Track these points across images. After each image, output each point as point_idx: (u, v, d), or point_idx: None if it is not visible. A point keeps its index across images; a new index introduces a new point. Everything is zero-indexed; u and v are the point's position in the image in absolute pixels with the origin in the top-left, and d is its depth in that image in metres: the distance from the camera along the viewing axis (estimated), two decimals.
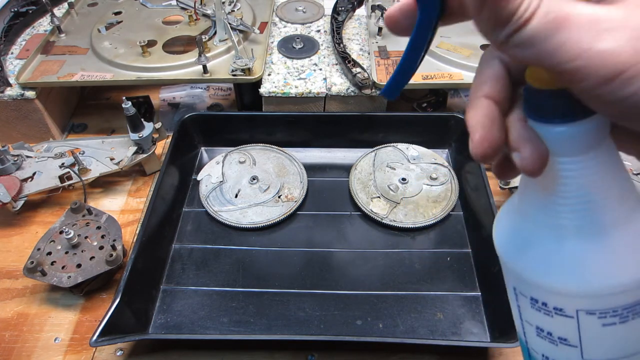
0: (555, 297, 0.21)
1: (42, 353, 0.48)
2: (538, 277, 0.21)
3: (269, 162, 0.66)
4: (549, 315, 0.21)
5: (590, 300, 0.20)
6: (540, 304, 0.22)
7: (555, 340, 0.22)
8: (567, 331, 0.21)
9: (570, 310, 0.20)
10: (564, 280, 0.20)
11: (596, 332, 0.21)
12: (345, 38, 0.76)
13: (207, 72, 0.66)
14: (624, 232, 0.19)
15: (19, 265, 0.54)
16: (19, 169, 0.60)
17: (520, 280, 0.23)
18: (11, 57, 0.72)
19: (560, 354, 0.22)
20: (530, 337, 0.24)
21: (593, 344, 0.21)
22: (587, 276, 0.20)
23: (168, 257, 0.56)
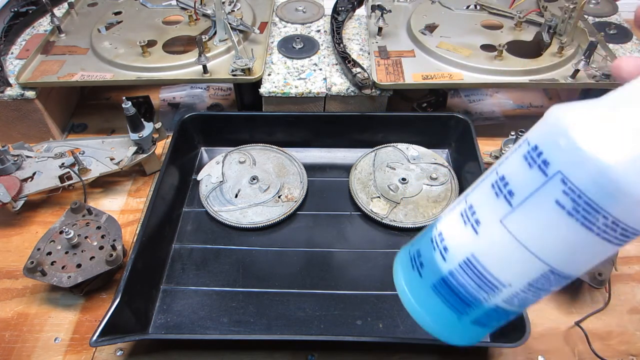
0: (559, 152, 0.21)
1: (42, 353, 0.48)
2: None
3: (269, 162, 0.66)
4: (529, 164, 0.22)
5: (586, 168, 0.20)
6: (535, 151, 0.22)
7: (503, 193, 0.23)
8: (527, 185, 0.22)
9: (553, 169, 0.21)
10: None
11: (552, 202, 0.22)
12: (345, 38, 0.76)
13: (207, 72, 0.66)
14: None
15: (19, 265, 0.54)
16: (19, 169, 0.60)
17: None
18: (11, 57, 0.72)
19: (496, 207, 0.23)
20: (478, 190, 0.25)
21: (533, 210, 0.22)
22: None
23: (168, 257, 0.56)
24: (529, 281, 0.24)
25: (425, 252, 0.28)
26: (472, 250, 0.25)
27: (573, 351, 0.48)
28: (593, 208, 0.21)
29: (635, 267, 0.56)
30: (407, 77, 0.65)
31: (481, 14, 0.76)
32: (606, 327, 0.50)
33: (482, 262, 0.24)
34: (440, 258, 0.26)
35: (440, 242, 0.27)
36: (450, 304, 0.26)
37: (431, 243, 0.27)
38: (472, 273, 0.25)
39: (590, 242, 0.22)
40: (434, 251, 0.27)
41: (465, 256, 0.25)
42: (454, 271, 0.25)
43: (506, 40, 0.69)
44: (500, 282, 0.24)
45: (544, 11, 0.75)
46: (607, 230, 0.21)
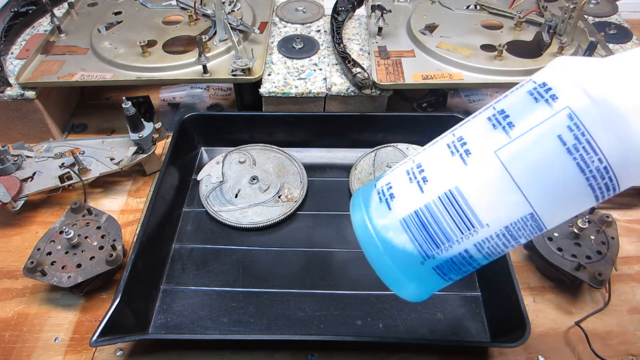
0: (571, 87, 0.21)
1: (42, 353, 0.48)
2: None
3: (269, 162, 0.66)
4: (535, 99, 0.22)
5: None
6: (542, 87, 0.22)
7: (502, 125, 0.22)
8: (531, 117, 0.22)
9: (561, 104, 0.21)
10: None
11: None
12: (345, 38, 0.76)
13: (207, 72, 0.66)
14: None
15: (19, 265, 0.54)
16: (19, 169, 0.60)
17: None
18: (11, 57, 0.72)
19: (491, 137, 0.23)
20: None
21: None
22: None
23: (168, 257, 0.56)
24: (507, 225, 0.23)
25: (398, 183, 0.25)
26: (457, 182, 0.23)
27: (573, 351, 0.48)
28: (592, 148, 0.21)
29: (635, 267, 0.56)
30: (407, 77, 0.65)
31: (481, 14, 0.76)
32: (606, 327, 0.50)
33: (465, 196, 0.23)
34: (416, 189, 0.24)
35: (418, 173, 0.25)
36: (418, 243, 0.24)
37: (407, 174, 0.25)
38: (452, 208, 0.23)
39: (576, 187, 0.22)
40: (410, 182, 0.25)
41: (447, 188, 0.23)
42: (431, 204, 0.24)
43: (506, 40, 0.69)
44: (479, 221, 0.23)
45: (544, 11, 0.75)
46: (597, 176, 0.21)
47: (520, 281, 0.50)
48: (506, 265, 0.48)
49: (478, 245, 0.24)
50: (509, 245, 0.24)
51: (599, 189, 0.22)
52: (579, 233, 0.51)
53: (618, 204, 0.62)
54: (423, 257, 0.24)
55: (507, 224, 0.23)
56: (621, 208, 0.62)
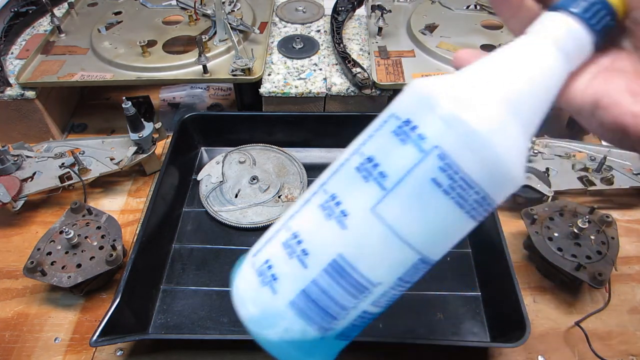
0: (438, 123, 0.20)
1: (42, 353, 0.48)
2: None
3: (269, 162, 0.66)
4: (402, 140, 0.21)
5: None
6: (407, 125, 0.21)
7: (373, 176, 0.21)
8: (402, 163, 0.21)
9: (430, 143, 0.20)
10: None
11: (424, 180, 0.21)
12: (345, 38, 0.76)
13: (207, 72, 0.66)
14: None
15: (19, 265, 0.54)
16: (19, 169, 0.60)
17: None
18: (11, 57, 0.72)
19: (365, 193, 0.21)
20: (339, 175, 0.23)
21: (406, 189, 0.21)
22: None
23: (168, 257, 0.56)
24: (400, 275, 0.22)
25: (278, 260, 0.23)
26: (339, 249, 0.21)
27: (573, 351, 0.48)
28: (467, 183, 0.20)
29: (635, 267, 0.56)
30: (407, 77, 0.65)
31: (481, 14, 0.76)
32: (606, 327, 0.50)
33: (351, 261, 0.21)
34: (299, 265, 0.22)
35: (296, 244, 0.23)
36: (313, 321, 0.22)
37: (284, 248, 0.23)
38: (340, 277, 0.21)
39: (458, 221, 0.21)
40: (290, 258, 0.23)
41: (331, 258, 0.21)
42: (318, 279, 0.22)
43: (506, 40, 0.69)
44: (371, 282, 0.22)
45: None
46: (476, 207, 0.21)
47: (520, 281, 0.50)
48: (506, 265, 0.48)
49: (375, 303, 0.23)
50: (405, 289, 0.23)
51: (479, 214, 0.22)
52: (579, 233, 0.51)
53: (618, 204, 0.62)
54: (322, 333, 0.23)
55: (399, 276, 0.22)
56: (621, 208, 0.61)
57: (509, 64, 0.22)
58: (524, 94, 0.21)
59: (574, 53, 0.22)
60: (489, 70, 0.22)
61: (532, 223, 0.53)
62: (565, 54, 0.22)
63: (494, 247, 0.51)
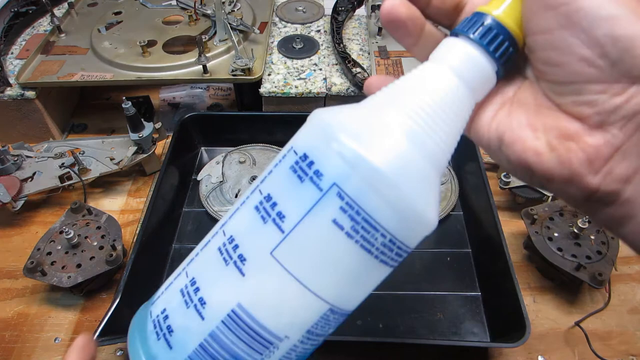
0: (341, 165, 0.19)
1: (42, 353, 0.49)
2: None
3: (269, 162, 0.66)
4: (300, 178, 0.19)
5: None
6: (304, 161, 0.19)
7: (272, 216, 0.19)
8: (300, 203, 0.19)
9: (327, 181, 0.19)
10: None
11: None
12: (345, 38, 0.76)
13: (207, 72, 0.66)
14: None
15: (19, 265, 0.54)
16: (19, 169, 0.60)
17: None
18: (11, 57, 0.72)
19: (264, 235, 0.19)
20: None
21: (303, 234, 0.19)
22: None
23: (168, 257, 0.56)
24: (308, 328, 0.20)
25: (174, 310, 0.21)
26: (239, 298, 0.19)
27: (573, 351, 0.48)
28: (371, 225, 0.18)
29: (635, 267, 0.56)
30: None
31: None
32: (606, 327, 0.50)
33: (251, 312, 0.19)
34: (195, 316, 0.20)
35: (194, 292, 0.20)
36: None
37: (182, 296, 0.21)
38: (240, 330, 0.19)
39: (368, 267, 0.20)
40: (187, 307, 0.20)
41: (229, 308, 0.19)
42: (216, 332, 0.20)
43: None
44: (276, 336, 0.20)
45: None
46: (385, 250, 0.19)
47: (520, 281, 0.50)
48: (506, 265, 0.48)
49: (285, 359, 0.21)
50: (319, 342, 0.22)
51: (392, 259, 0.20)
52: (579, 233, 0.51)
53: None
54: None
55: (308, 328, 0.20)
56: None
57: (410, 92, 0.21)
58: (427, 125, 0.20)
59: (475, 81, 0.21)
60: (390, 100, 0.20)
61: (532, 223, 0.53)
62: (466, 82, 0.20)
63: (494, 247, 0.51)
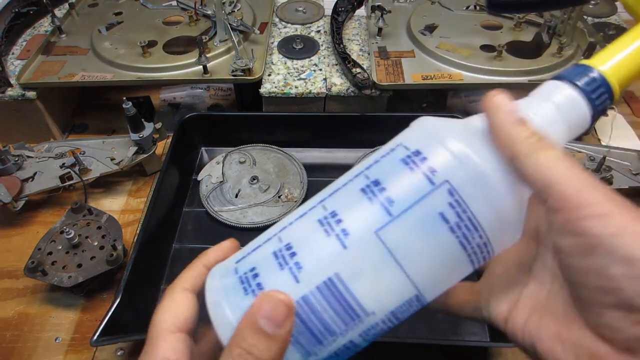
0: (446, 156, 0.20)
1: (42, 353, 0.49)
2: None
3: (269, 162, 0.66)
4: (411, 169, 0.21)
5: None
6: (417, 156, 0.21)
7: (380, 200, 0.21)
8: (410, 192, 0.20)
9: (440, 177, 0.20)
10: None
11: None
12: (345, 38, 0.76)
13: (207, 73, 0.66)
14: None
15: (19, 265, 0.54)
16: (19, 169, 0.60)
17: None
18: (12, 57, 0.72)
19: (370, 215, 0.21)
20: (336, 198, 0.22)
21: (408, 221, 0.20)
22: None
23: (168, 257, 0.57)
24: (393, 309, 0.21)
25: (266, 270, 0.22)
26: (337, 268, 0.20)
27: None
28: (473, 225, 0.20)
29: None
30: (407, 77, 0.65)
31: (481, 14, 0.77)
32: None
33: (348, 283, 0.20)
34: (290, 278, 0.21)
35: (289, 256, 0.21)
36: (296, 341, 0.21)
37: (275, 258, 0.22)
38: (333, 298, 0.20)
39: (459, 262, 0.21)
40: (280, 269, 0.21)
41: (327, 276, 0.20)
42: (309, 296, 0.20)
43: (506, 41, 0.69)
44: (364, 310, 0.21)
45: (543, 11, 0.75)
46: (477, 251, 0.21)
47: None
48: None
49: (363, 334, 0.22)
50: (392, 326, 0.22)
51: (478, 261, 0.21)
52: None
53: None
54: (303, 357, 0.21)
55: (392, 309, 0.21)
56: None
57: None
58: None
59: (573, 121, 0.22)
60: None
61: None
62: (566, 120, 0.22)
63: None
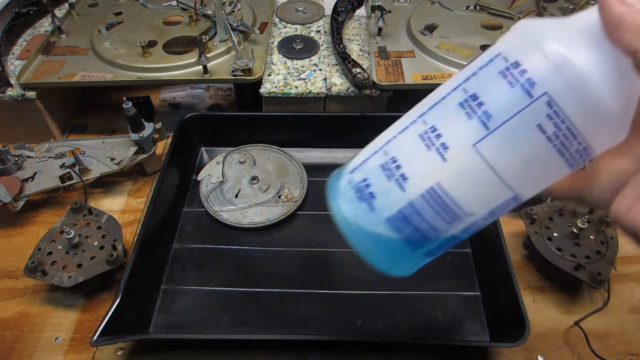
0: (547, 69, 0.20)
1: (42, 353, 0.49)
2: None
3: (269, 162, 0.66)
4: (510, 83, 0.21)
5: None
6: (516, 69, 0.21)
7: (477, 114, 0.22)
8: (508, 106, 0.21)
9: (539, 90, 0.20)
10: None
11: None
12: (345, 38, 0.76)
13: (207, 73, 0.66)
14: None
15: (19, 265, 0.54)
16: (19, 169, 0.60)
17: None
18: (12, 57, 0.72)
19: (467, 129, 0.22)
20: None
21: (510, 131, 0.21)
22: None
23: (168, 257, 0.57)
24: (492, 209, 0.23)
25: (376, 180, 0.25)
26: (438, 178, 0.23)
27: (572, 351, 0.49)
28: (572, 133, 0.21)
29: (634, 267, 0.56)
30: (407, 77, 0.65)
31: (481, 15, 0.77)
32: (605, 326, 0.50)
33: (448, 191, 0.23)
34: (397, 187, 0.24)
35: (395, 169, 0.24)
36: (406, 238, 0.24)
37: (383, 170, 0.25)
38: (436, 203, 0.23)
39: (556, 167, 0.22)
40: (388, 180, 0.24)
41: (429, 185, 0.23)
42: (414, 202, 0.23)
43: None
44: (464, 212, 0.23)
45: (543, 11, 0.75)
46: (576, 156, 0.21)
47: (520, 281, 0.51)
48: (506, 265, 0.49)
49: (464, 230, 0.24)
50: (490, 221, 0.25)
51: (577, 163, 0.22)
52: (578, 233, 0.51)
53: None
54: (412, 249, 0.25)
55: (491, 209, 0.23)
56: None
57: None
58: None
59: None
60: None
61: (531, 223, 0.53)
62: None
63: (493, 247, 0.51)
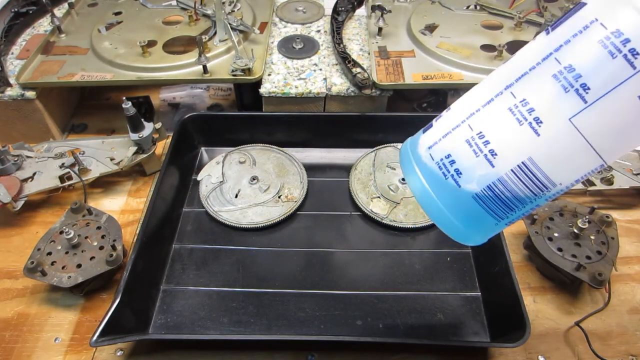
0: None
1: (42, 353, 0.49)
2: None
3: (269, 162, 0.66)
4: (611, 53, 0.20)
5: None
6: (618, 38, 0.20)
7: (575, 87, 0.21)
8: (608, 78, 0.20)
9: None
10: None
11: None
12: (345, 38, 0.76)
13: (207, 72, 0.66)
14: None
15: (19, 265, 0.54)
16: (19, 169, 0.60)
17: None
18: (11, 57, 0.72)
19: (563, 103, 0.21)
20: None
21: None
22: None
23: (168, 257, 0.57)
24: (578, 178, 0.23)
25: (461, 156, 0.24)
26: (530, 153, 0.23)
27: (573, 351, 0.48)
28: None
29: (635, 267, 0.56)
30: (407, 77, 0.65)
31: (481, 14, 0.76)
32: (606, 327, 0.50)
33: (539, 165, 0.23)
34: (485, 164, 0.24)
35: (483, 145, 0.24)
36: (492, 211, 0.24)
37: (469, 146, 0.24)
38: (526, 177, 0.23)
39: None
40: (476, 156, 0.24)
41: (521, 160, 0.23)
42: (504, 177, 0.23)
43: (506, 41, 0.69)
44: (553, 183, 0.23)
45: (543, 11, 0.75)
46: None
47: (520, 281, 0.50)
48: (506, 265, 0.48)
49: (548, 198, 0.25)
50: (573, 187, 0.25)
51: None
52: (579, 233, 0.51)
53: (618, 204, 0.62)
54: (497, 220, 0.25)
55: (577, 178, 0.23)
56: (621, 208, 0.62)
57: None
58: None
59: None
60: None
61: (532, 223, 0.53)
62: None
63: (494, 247, 0.51)
